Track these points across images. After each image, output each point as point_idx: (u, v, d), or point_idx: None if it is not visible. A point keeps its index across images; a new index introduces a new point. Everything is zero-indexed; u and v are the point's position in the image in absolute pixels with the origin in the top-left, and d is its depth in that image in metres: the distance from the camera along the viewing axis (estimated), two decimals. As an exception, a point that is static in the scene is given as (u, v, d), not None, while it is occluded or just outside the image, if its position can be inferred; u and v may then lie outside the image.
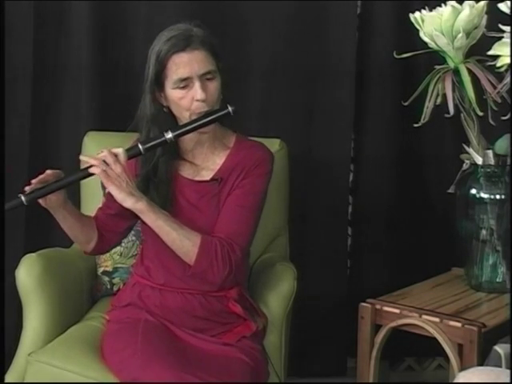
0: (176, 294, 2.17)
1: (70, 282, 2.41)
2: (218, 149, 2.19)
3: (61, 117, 2.89)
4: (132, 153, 2.04)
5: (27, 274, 2.28)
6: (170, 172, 2.15)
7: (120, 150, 2.01)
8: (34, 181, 1.99)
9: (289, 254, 2.66)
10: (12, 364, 2.29)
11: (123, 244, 2.50)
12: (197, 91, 2.05)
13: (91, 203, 2.45)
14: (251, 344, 2.15)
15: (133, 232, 2.44)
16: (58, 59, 2.87)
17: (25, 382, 2.20)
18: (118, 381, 2.06)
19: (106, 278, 2.55)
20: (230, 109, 2.07)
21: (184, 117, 2.10)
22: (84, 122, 2.83)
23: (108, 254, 2.50)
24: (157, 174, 2.14)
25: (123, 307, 2.23)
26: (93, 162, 1.99)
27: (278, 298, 2.29)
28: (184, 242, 2.05)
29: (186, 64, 2.05)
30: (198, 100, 2.06)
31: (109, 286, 2.55)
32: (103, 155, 1.99)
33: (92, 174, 1.99)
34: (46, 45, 2.85)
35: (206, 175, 2.17)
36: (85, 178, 2.03)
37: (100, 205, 2.25)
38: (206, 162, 2.19)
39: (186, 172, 2.19)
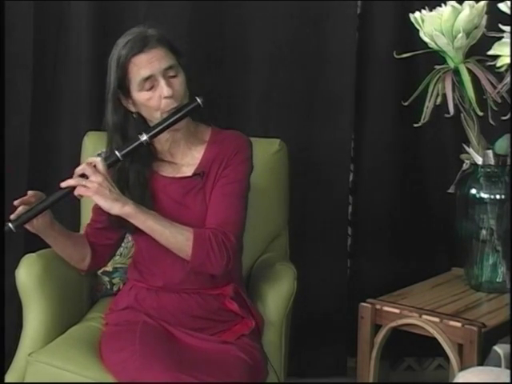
0: (172, 295, 2.17)
1: (70, 282, 2.41)
2: (195, 144, 2.20)
3: (61, 117, 2.89)
4: (110, 160, 2.06)
5: (27, 274, 2.28)
6: (142, 176, 2.16)
7: (98, 159, 2.03)
8: (16, 202, 2.01)
9: (289, 254, 2.66)
10: (12, 364, 2.28)
11: (123, 244, 2.50)
12: (163, 88, 2.06)
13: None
14: (250, 342, 2.16)
15: (133, 232, 2.44)
16: (57, 59, 2.87)
17: (25, 382, 2.20)
18: (117, 381, 2.06)
19: (106, 278, 2.55)
20: (199, 100, 2.08)
21: (155, 117, 2.11)
22: (84, 122, 2.83)
23: (108, 254, 2.51)
24: (128, 181, 2.15)
25: (121, 310, 2.23)
26: (71, 183, 2.00)
27: (277, 297, 2.29)
28: (177, 238, 2.05)
29: (146, 63, 2.06)
30: (165, 97, 2.07)
31: (109, 286, 2.55)
32: (81, 168, 2.01)
33: (74, 189, 2.00)
34: (46, 45, 2.85)
35: (188, 171, 2.18)
36: (67, 195, 2.03)
37: (89, 221, 2.27)
38: (185, 158, 2.19)
39: (166, 171, 2.19)
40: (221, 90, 2.90)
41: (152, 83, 2.07)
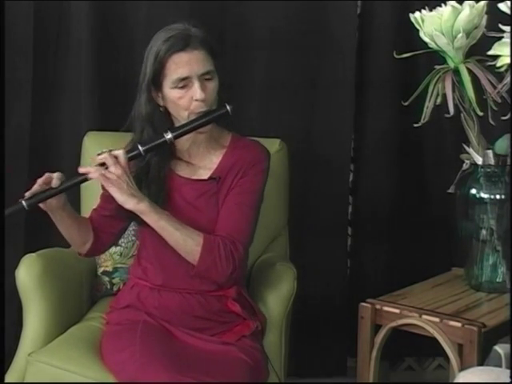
0: (175, 294, 2.17)
1: (70, 282, 2.41)
2: (215, 148, 2.20)
3: (61, 117, 2.89)
4: (132, 154, 2.05)
5: (27, 273, 2.28)
6: (162, 172, 2.16)
7: (120, 152, 2.01)
8: (39, 181, 1.99)
9: (289, 254, 2.66)
10: (12, 364, 2.29)
11: (123, 244, 2.50)
12: (196, 91, 2.06)
13: (91, 203, 2.44)
14: (251, 343, 2.15)
15: (133, 232, 2.44)
16: (57, 59, 2.87)
17: (25, 382, 2.20)
18: (118, 381, 2.06)
19: (106, 278, 2.55)
20: (228, 108, 2.08)
21: (182, 116, 2.10)
22: (84, 122, 2.83)
23: (108, 254, 2.51)
24: (148, 174, 2.14)
25: (122, 309, 2.23)
26: (90, 170, 2.00)
27: (277, 297, 2.29)
28: (187, 242, 2.05)
29: (185, 63, 2.06)
30: (197, 100, 2.06)
31: (109, 286, 2.55)
32: (103, 157, 2.00)
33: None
34: (45, 45, 2.84)
35: (204, 174, 2.18)
36: (85, 181, 2.04)
37: (95, 206, 2.26)
38: (203, 161, 2.19)
39: (183, 171, 2.19)
40: (221, 89, 2.89)
41: (186, 83, 2.06)
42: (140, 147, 2.05)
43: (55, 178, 2.00)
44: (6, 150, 2.73)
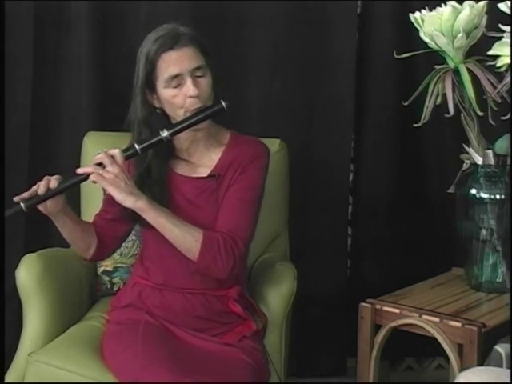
0: (176, 294, 2.17)
1: (70, 281, 2.41)
2: (214, 145, 2.20)
3: (61, 117, 2.89)
4: (129, 153, 2.05)
5: (27, 273, 2.28)
6: (163, 173, 2.16)
7: (116, 151, 2.02)
8: (34, 187, 2.00)
9: (289, 254, 2.66)
10: (12, 364, 2.29)
11: (123, 244, 2.50)
12: (189, 88, 2.06)
13: (91, 206, 2.45)
14: (252, 344, 2.15)
15: (133, 232, 2.44)
16: (57, 59, 2.87)
17: (25, 381, 2.20)
18: (118, 381, 2.06)
19: (106, 278, 2.55)
20: (223, 104, 2.08)
21: (178, 115, 2.11)
22: (84, 122, 2.83)
23: (108, 254, 2.51)
24: (150, 175, 2.15)
25: (123, 308, 2.23)
26: (88, 170, 2.00)
27: (277, 297, 2.29)
28: (187, 239, 2.05)
29: (175, 61, 2.06)
30: (190, 96, 2.07)
31: (109, 286, 2.55)
32: (100, 157, 2.00)
33: (88, 176, 2.00)
34: (45, 45, 2.85)
35: (204, 172, 2.18)
36: (83, 181, 2.04)
37: (98, 210, 2.26)
38: (202, 159, 2.19)
39: (183, 170, 2.19)
40: (221, 89, 2.89)
41: (179, 81, 2.07)
42: (136, 146, 2.05)
43: (53, 179, 2.00)
44: (6, 149, 2.73)
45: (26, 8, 2.79)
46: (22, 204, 1.96)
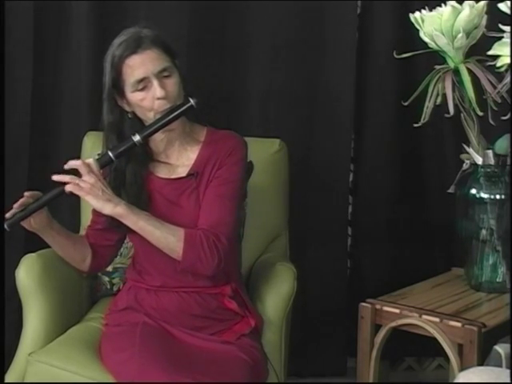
0: (172, 294, 2.17)
1: (70, 281, 2.41)
2: (190, 144, 2.20)
3: (61, 117, 2.89)
4: (103, 161, 2.07)
5: (27, 273, 2.28)
6: (139, 176, 2.16)
7: (91, 160, 2.04)
8: (15, 205, 2.01)
9: (289, 254, 2.66)
10: (12, 364, 2.28)
11: (123, 244, 2.50)
12: (156, 90, 2.06)
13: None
14: (250, 342, 2.15)
15: (133, 232, 2.44)
16: (57, 59, 2.87)
17: (25, 381, 2.20)
18: (117, 381, 2.06)
19: (106, 278, 2.55)
20: (192, 101, 2.08)
21: (149, 118, 2.11)
22: (84, 122, 2.83)
23: (108, 254, 2.51)
24: (125, 182, 2.15)
25: (121, 311, 2.23)
26: (65, 179, 2.01)
27: (277, 297, 2.29)
28: (169, 239, 2.05)
29: (140, 65, 2.06)
30: (158, 98, 2.07)
31: (108, 286, 2.55)
32: (75, 164, 2.02)
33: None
34: (45, 45, 2.85)
35: (182, 171, 2.18)
36: (61, 195, 2.04)
37: (89, 222, 2.28)
38: (180, 158, 2.19)
39: (162, 172, 2.19)
40: (221, 89, 2.90)
41: (145, 84, 2.07)
42: (110, 153, 2.07)
43: (28, 195, 2.02)
44: (6, 149, 2.73)
45: (25, 8, 2.79)
46: (5, 224, 1.99)
